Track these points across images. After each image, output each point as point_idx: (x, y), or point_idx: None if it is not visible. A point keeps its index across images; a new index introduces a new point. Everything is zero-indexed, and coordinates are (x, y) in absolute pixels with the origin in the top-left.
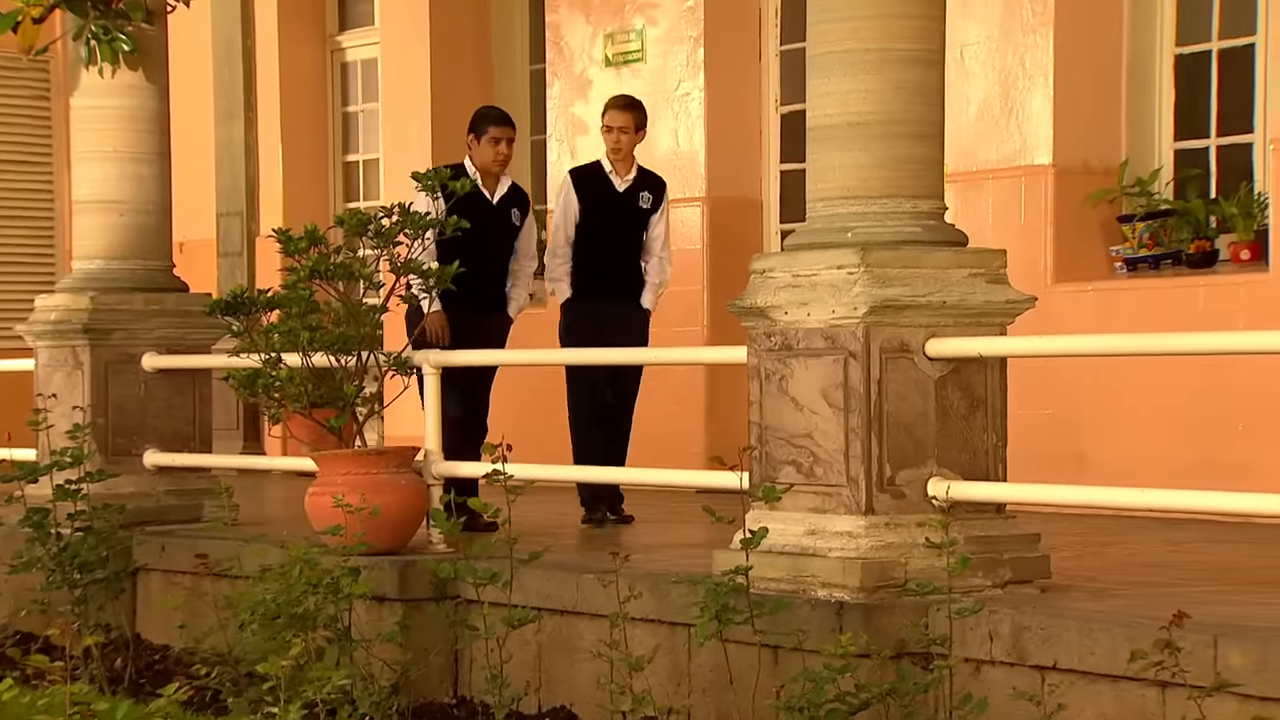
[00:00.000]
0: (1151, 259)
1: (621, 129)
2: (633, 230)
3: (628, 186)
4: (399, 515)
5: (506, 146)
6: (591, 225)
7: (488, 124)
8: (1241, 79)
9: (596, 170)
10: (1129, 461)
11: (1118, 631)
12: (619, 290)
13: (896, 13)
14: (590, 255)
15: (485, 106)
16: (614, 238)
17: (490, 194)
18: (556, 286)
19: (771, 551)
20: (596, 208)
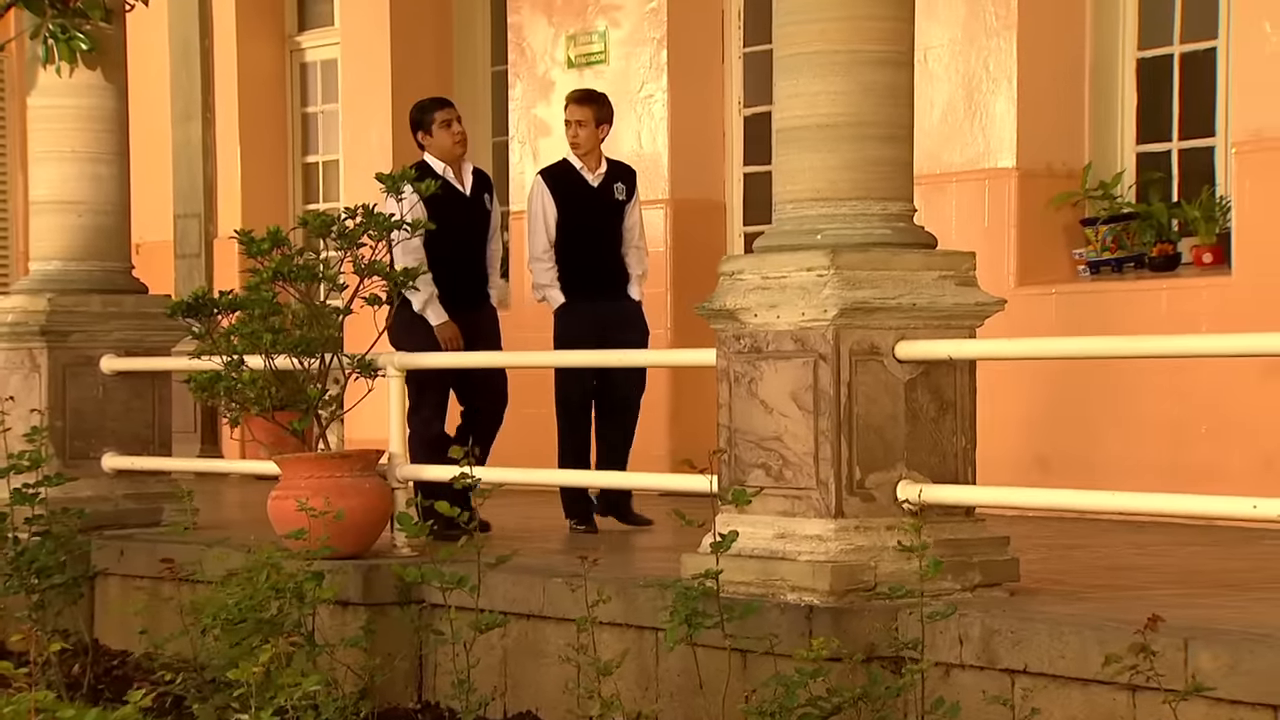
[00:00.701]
0: (1114, 262)
1: (580, 122)
2: (613, 224)
3: (600, 180)
4: (363, 519)
5: (459, 124)
6: (571, 225)
7: (432, 110)
8: (1203, 82)
9: (567, 169)
10: (1091, 465)
11: (1088, 635)
12: (610, 287)
13: (865, 14)
14: (576, 256)
15: (417, 102)
16: (596, 235)
17: (462, 186)
18: (546, 293)
19: (741, 555)
20: (573, 207)
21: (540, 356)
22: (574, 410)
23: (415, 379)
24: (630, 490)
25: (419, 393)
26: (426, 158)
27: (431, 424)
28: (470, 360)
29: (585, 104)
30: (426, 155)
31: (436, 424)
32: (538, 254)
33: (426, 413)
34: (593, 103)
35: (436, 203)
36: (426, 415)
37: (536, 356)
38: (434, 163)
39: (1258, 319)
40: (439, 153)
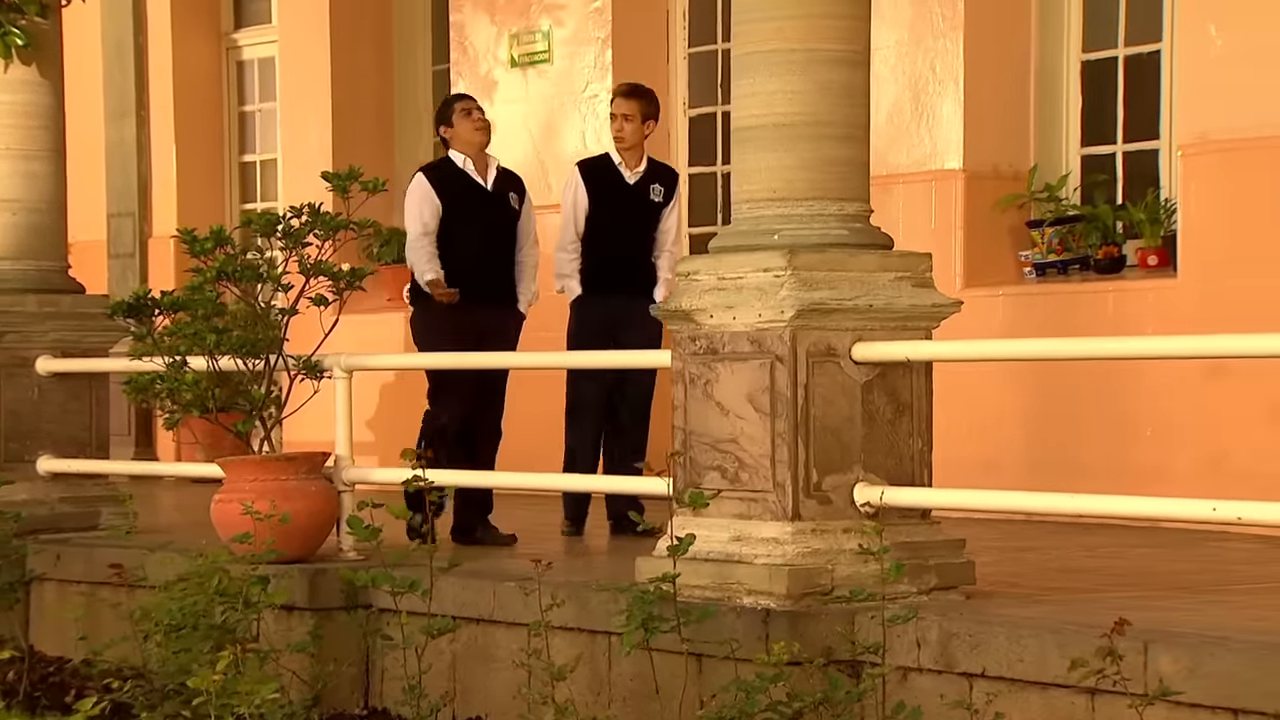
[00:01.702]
0: (1060, 264)
1: (626, 116)
2: (644, 225)
3: (638, 179)
4: (309, 522)
5: (479, 112)
6: (601, 220)
7: (451, 102)
8: (1147, 85)
9: (605, 162)
10: (1038, 467)
11: (1047, 638)
12: (631, 287)
13: (822, 12)
14: (600, 251)
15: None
16: (625, 232)
17: (484, 180)
18: (566, 284)
19: (696, 558)
20: (606, 201)
21: (502, 358)
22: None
23: (432, 373)
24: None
25: (436, 386)
26: (450, 152)
27: (438, 417)
28: (431, 361)
29: (633, 98)
30: (450, 150)
31: (443, 417)
32: (564, 244)
33: (436, 410)
34: (640, 97)
35: (455, 195)
36: (434, 413)
37: (494, 358)
38: (455, 156)
39: (1203, 321)
40: (461, 144)
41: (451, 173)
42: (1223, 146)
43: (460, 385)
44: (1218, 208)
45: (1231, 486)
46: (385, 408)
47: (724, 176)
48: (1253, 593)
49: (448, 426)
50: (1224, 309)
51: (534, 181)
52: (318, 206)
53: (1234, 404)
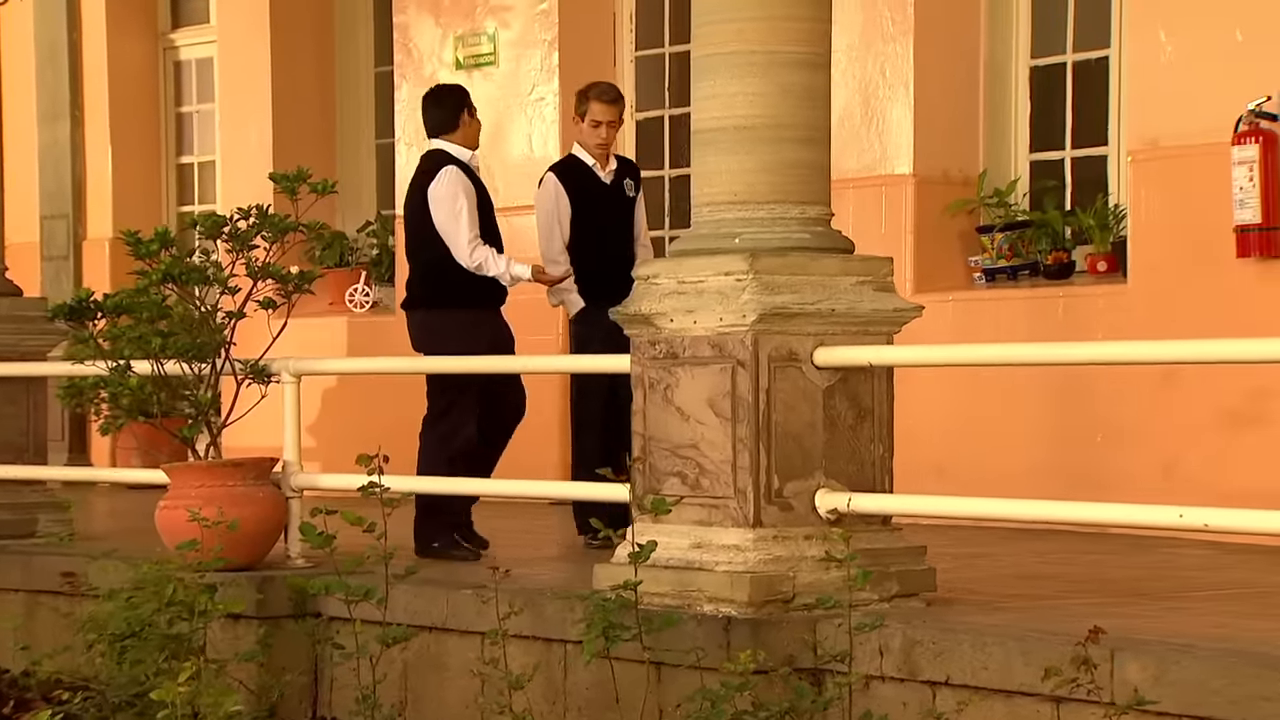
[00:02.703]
0: (1009, 270)
1: (610, 124)
2: (625, 223)
3: (612, 177)
4: (256, 529)
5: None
6: (586, 225)
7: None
8: (1096, 91)
9: (578, 165)
10: (988, 472)
11: (1012, 646)
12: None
13: (783, 14)
14: (593, 257)
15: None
16: (610, 234)
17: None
18: (565, 298)
19: (656, 565)
20: (588, 205)
21: (456, 362)
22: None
23: (450, 384)
24: None
25: (453, 399)
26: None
27: (459, 433)
28: (382, 366)
29: (617, 103)
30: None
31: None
32: (554, 255)
33: (454, 420)
34: (621, 101)
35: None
36: (454, 424)
37: (452, 362)
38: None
39: (1152, 327)
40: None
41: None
42: (1172, 152)
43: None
44: (1168, 213)
45: (1182, 492)
46: (327, 413)
47: (672, 180)
48: (1211, 599)
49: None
50: (1173, 315)
51: None
52: (265, 208)
53: (1184, 410)
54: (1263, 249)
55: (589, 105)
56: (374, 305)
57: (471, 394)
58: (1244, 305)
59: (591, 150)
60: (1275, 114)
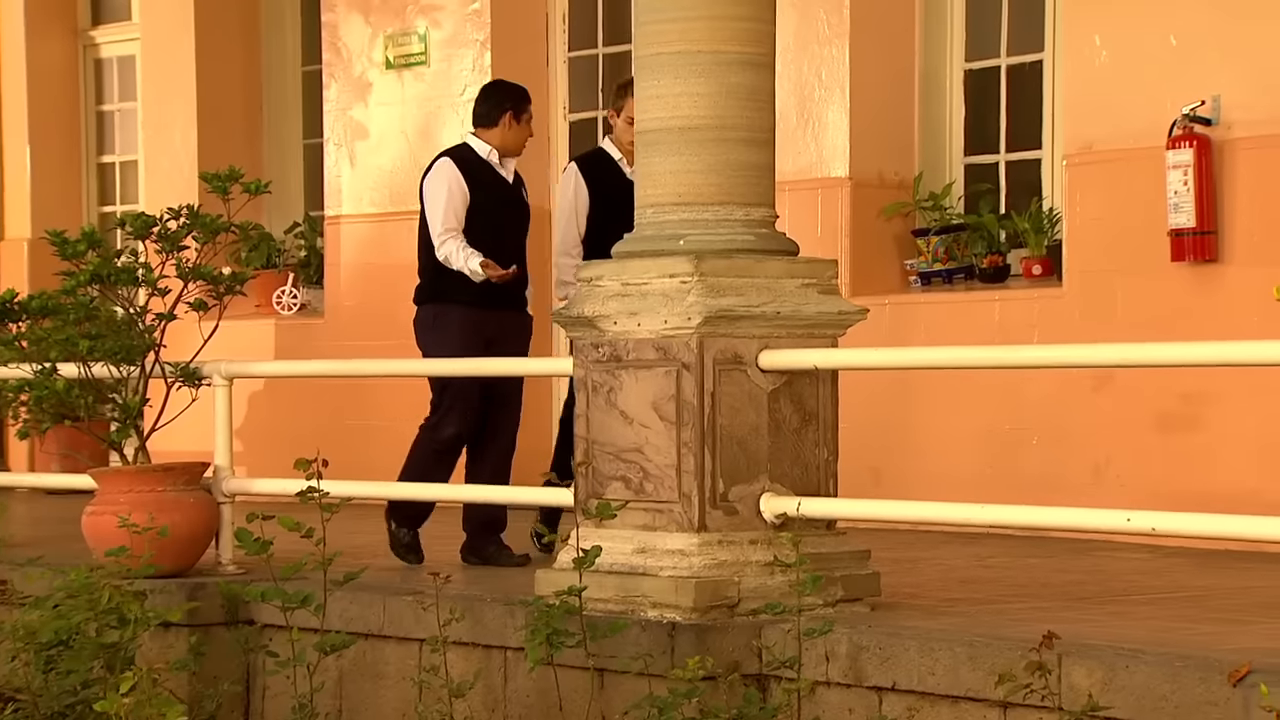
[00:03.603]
0: (945, 273)
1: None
2: None
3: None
4: (187, 535)
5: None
6: (605, 220)
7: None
8: (1030, 95)
9: (604, 159)
10: (923, 476)
11: (959, 651)
12: None
13: (727, 14)
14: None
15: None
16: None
17: (505, 174)
18: (570, 293)
19: (599, 571)
20: (609, 201)
21: (401, 365)
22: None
23: (436, 385)
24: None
25: (440, 395)
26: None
27: (443, 429)
28: (316, 369)
29: None
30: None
31: (449, 429)
32: (569, 248)
33: (440, 416)
34: None
35: (479, 185)
36: (439, 419)
37: (388, 365)
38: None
39: (1087, 330)
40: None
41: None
42: (1107, 156)
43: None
44: (1103, 217)
45: (1114, 495)
46: (255, 417)
47: None
48: (1153, 603)
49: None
50: (1108, 318)
51: (411, 186)
52: (196, 208)
53: (1119, 413)
54: (1197, 253)
55: (630, 101)
56: (302, 307)
57: (464, 396)
58: (1178, 309)
59: (624, 146)
60: (1209, 118)
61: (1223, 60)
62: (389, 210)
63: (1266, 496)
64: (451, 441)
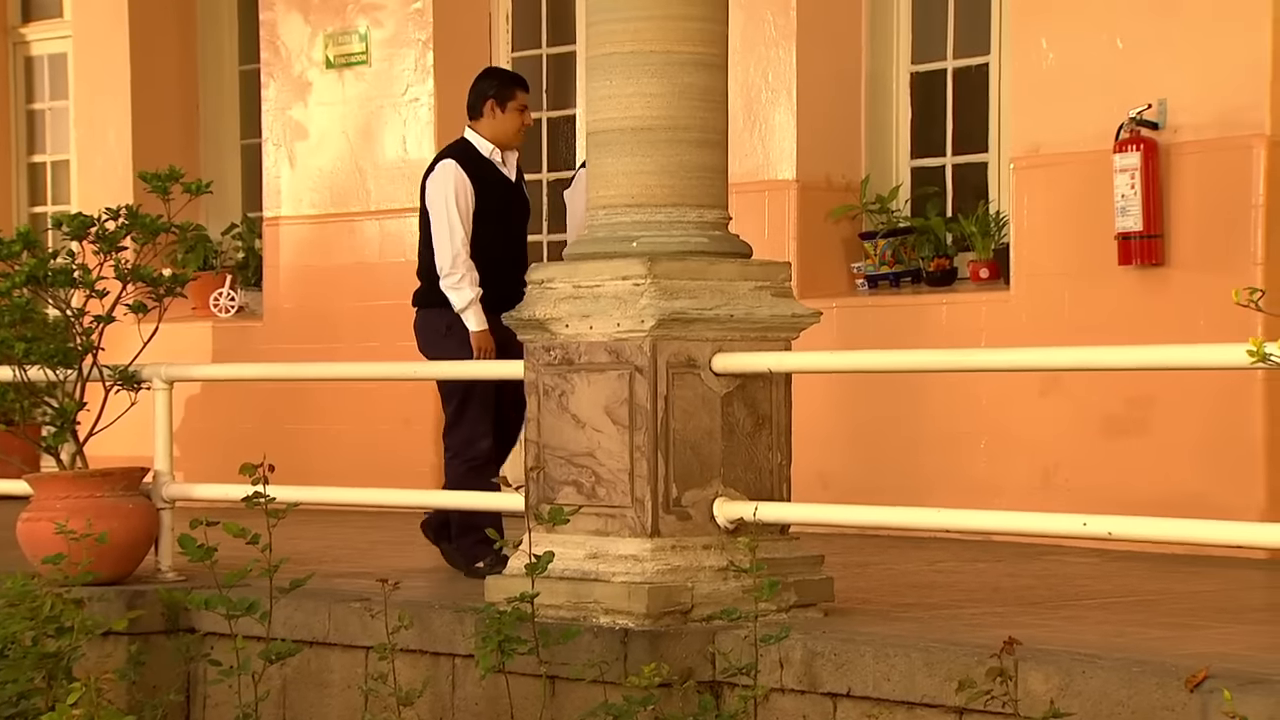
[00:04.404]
0: (892, 276)
1: None
2: None
3: None
4: (126, 541)
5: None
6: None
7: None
8: (976, 98)
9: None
10: (871, 480)
11: (915, 657)
12: None
13: (679, 14)
14: None
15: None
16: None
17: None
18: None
19: (551, 577)
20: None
21: (341, 368)
22: None
23: (455, 390)
24: None
25: (460, 407)
26: (472, 137)
27: (475, 443)
28: (258, 372)
29: None
30: (471, 132)
31: (482, 441)
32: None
33: (466, 430)
34: None
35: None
36: (467, 434)
37: (337, 368)
38: (480, 143)
39: (1035, 334)
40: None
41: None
42: (1054, 159)
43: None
44: (1051, 220)
45: (1061, 499)
46: (191, 421)
47: (549, 184)
48: (1105, 608)
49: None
50: (1055, 322)
51: (352, 187)
52: (136, 208)
53: (1066, 416)
54: (1144, 257)
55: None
56: (240, 310)
57: (474, 405)
58: (1125, 313)
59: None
60: (1156, 122)
61: (1169, 64)
62: (330, 211)
63: (1212, 500)
64: (487, 454)
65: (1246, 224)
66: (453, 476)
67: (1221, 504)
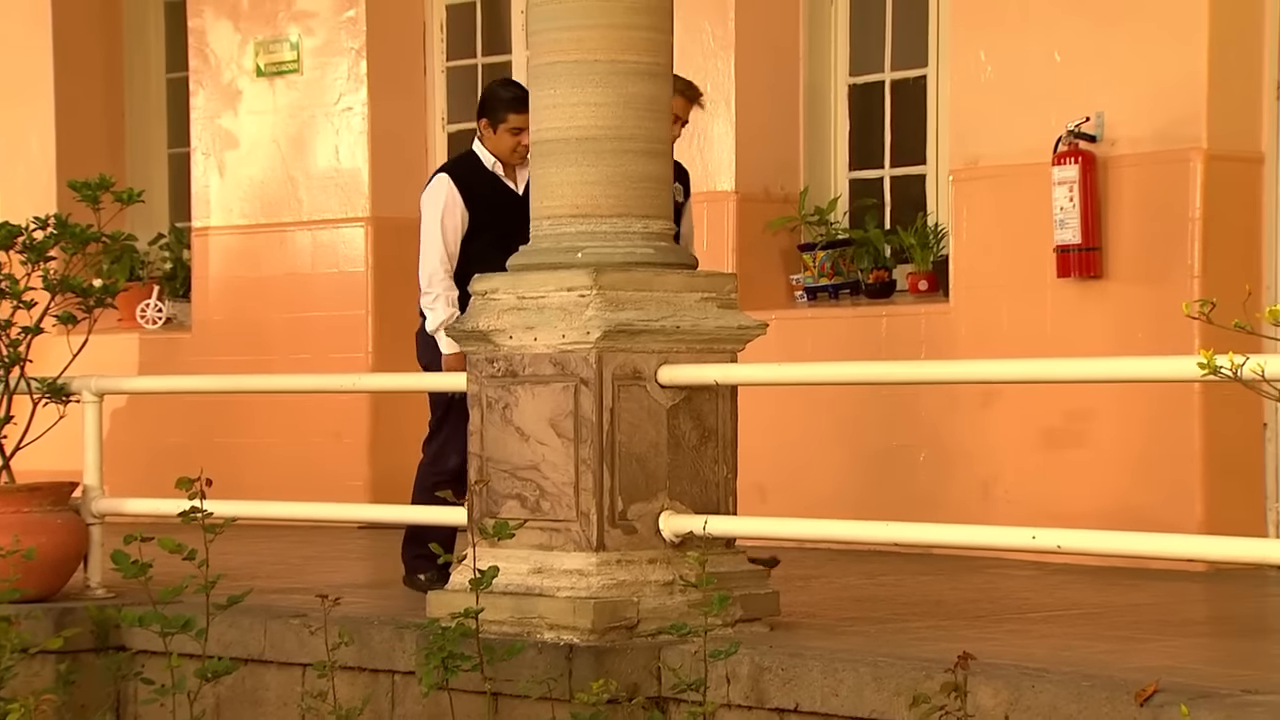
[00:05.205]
0: (831, 288)
1: (683, 122)
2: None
3: None
4: (54, 557)
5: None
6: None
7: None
8: (914, 110)
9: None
10: (809, 493)
11: (863, 671)
12: None
13: (625, 24)
14: None
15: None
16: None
17: (515, 184)
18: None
19: (494, 592)
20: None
21: (321, 380)
22: None
23: (440, 401)
24: None
25: (441, 419)
26: (478, 148)
27: (446, 458)
28: (190, 385)
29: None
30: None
31: (452, 458)
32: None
33: (440, 443)
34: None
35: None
36: (440, 447)
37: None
38: (484, 155)
39: (974, 346)
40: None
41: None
42: (993, 172)
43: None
44: (988, 233)
45: (1001, 512)
46: (116, 435)
47: None
48: (1049, 621)
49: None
50: (994, 334)
51: (283, 197)
52: (65, 218)
53: (1005, 429)
54: (1082, 269)
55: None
56: (167, 321)
57: (454, 417)
58: (1064, 325)
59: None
60: (1094, 135)
61: (1107, 77)
62: (260, 222)
63: (1150, 513)
64: (453, 472)
65: (1184, 237)
66: (418, 485)
67: (1159, 517)
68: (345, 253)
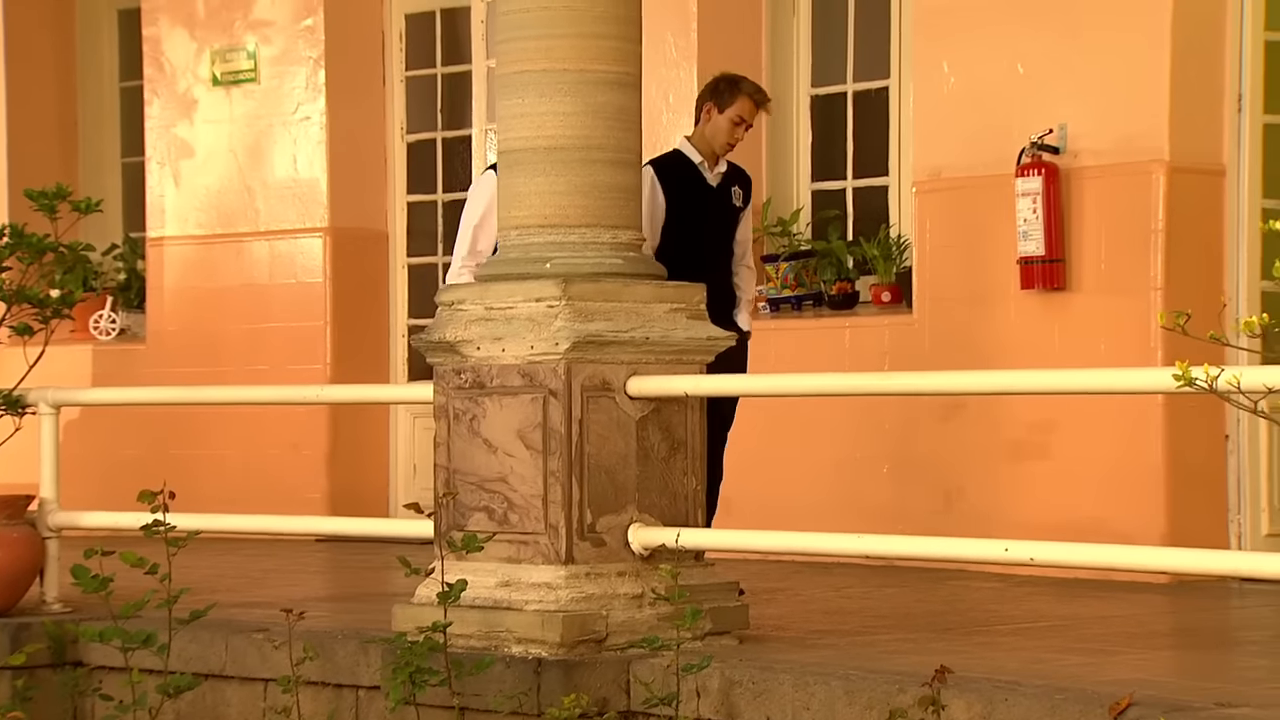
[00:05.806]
0: (794, 299)
1: (749, 127)
2: (726, 233)
3: (720, 180)
4: (10, 571)
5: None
6: (681, 228)
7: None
8: (877, 121)
9: (682, 161)
10: (773, 505)
11: (835, 685)
12: (715, 309)
13: (593, 33)
14: (685, 266)
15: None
16: (707, 243)
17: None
18: None
19: (461, 605)
20: (686, 206)
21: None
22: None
23: None
24: None
25: None
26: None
27: None
28: (149, 396)
29: (764, 107)
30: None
31: None
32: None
33: None
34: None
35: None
36: None
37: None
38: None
39: (938, 357)
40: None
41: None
42: (956, 183)
43: None
44: (952, 244)
45: (964, 523)
46: (69, 447)
47: (444, 205)
48: (1018, 633)
49: None
50: (958, 346)
51: (240, 207)
52: (21, 227)
53: (969, 441)
54: (1046, 281)
55: (737, 100)
56: (121, 332)
57: None
58: (1027, 337)
59: (718, 146)
60: (1057, 146)
61: (1070, 89)
62: (216, 232)
63: (1113, 525)
64: None
65: (1147, 248)
66: None
67: (1123, 528)
68: (303, 263)
